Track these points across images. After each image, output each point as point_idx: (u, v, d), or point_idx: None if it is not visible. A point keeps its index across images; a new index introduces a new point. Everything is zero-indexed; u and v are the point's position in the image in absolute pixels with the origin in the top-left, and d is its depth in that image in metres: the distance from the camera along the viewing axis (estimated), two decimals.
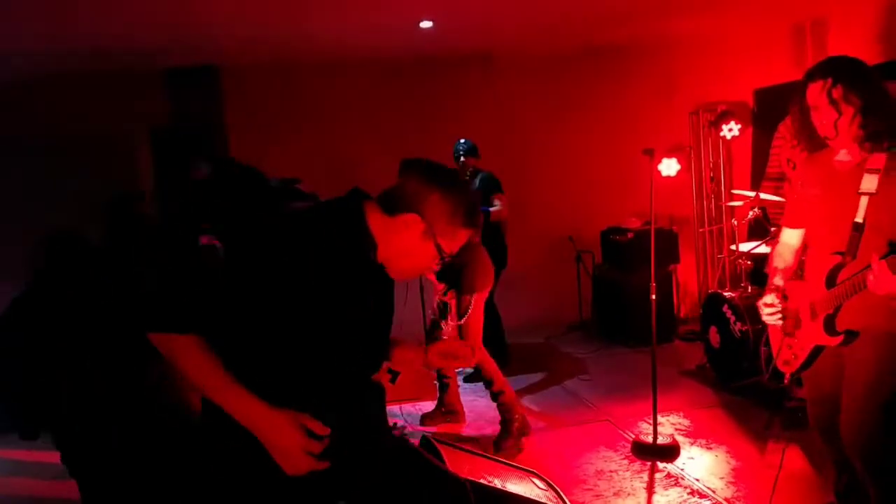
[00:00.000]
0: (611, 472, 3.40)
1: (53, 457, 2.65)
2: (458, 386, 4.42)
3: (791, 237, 2.48)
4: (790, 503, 2.97)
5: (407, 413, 4.39)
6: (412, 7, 4.56)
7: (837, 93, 2.13)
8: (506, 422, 3.84)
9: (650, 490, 3.17)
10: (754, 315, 4.08)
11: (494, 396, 3.91)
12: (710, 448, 3.58)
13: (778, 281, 2.41)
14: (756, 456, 3.48)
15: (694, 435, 3.76)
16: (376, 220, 1.66)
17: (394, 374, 2.30)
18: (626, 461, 3.50)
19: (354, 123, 5.91)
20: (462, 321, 3.90)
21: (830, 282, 2.20)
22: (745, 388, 4.14)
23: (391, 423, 4.06)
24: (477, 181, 5.05)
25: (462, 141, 5.14)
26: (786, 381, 2.47)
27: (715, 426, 3.86)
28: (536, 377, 5.03)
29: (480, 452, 3.22)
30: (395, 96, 6.19)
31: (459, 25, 5.12)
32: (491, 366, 3.92)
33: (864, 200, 2.13)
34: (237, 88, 5.80)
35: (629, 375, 4.79)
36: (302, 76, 6.00)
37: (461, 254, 3.88)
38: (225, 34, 4.73)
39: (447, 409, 4.27)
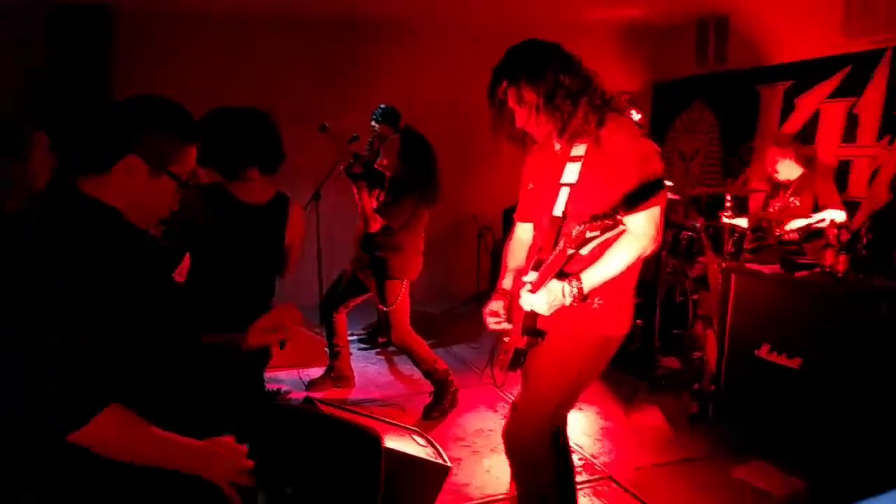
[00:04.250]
0: (489, 430, 3.56)
1: None
2: (350, 353, 4.44)
3: (523, 232, 2.33)
4: (648, 458, 3.23)
5: (294, 379, 4.39)
6: None
7: (512, 95, 2.03)
8: (439, 394, 3.85)
9: None
10: None
11: (427, 375, 3.89)
12: (582, 410, 3.81)
13: (507, 283, 2.29)
14: (622, 417, 3.74)
15: None
16: (96, 187, 1.54)
17: (281, 341, 2.29)
18: (503, 420, 3.64)
19: (256, 82, 5.69)
20: (391, 307, 3.83)
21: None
22: (618, 357, 4.37)
23: (275, 389, 4.08)
24: None
25: (381, 107, 4.90)
26: (497, 383, 2.32)
27: (588, 391, 4.05)
28: (427, 343, 5.12)
29: (360, 412, 3.28)
30: (301, 58, 6.09)
31: None
32: (421, 348, 3.88)
33: (564, 192, 2.02)
34: (130, 34, 5.47)
35: None
36: (204, 28, 5.76)
37: (391, 239, 3.82)
38: None
39: (336, 375, 4.28)
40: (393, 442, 2.90)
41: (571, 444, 3.36)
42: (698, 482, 3.00)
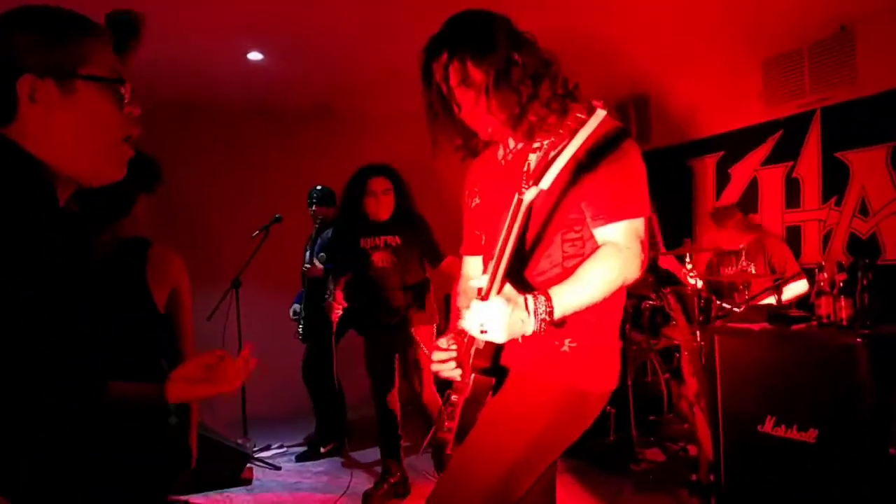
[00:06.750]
0: None
1: None
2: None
3: (473, 268, 1.87)
4: None
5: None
6: (238, 35, 4.16)
7: (455, 72, 1.55)
8: (386, 470, 3.55)
9: None
10: None
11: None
12: None
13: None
14: None
15: None
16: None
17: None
18: None
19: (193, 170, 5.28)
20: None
21: None
22: (593, 453, 3.81)
23: None
24: (328, 233, 4.49)
25: (318, 187, 4.60)
26: (448, 451, 1.68)
27: (564, 495, 3.44)
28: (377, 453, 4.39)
29: None
30: (229, 143, 5.74)
31: (291, 61, 4.72)
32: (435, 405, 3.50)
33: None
34: None
35: None
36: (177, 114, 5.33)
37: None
38: None
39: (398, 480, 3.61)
40: None
41: None
42: None
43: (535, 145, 1.51)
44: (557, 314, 1.42)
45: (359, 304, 3.63)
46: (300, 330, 4.53)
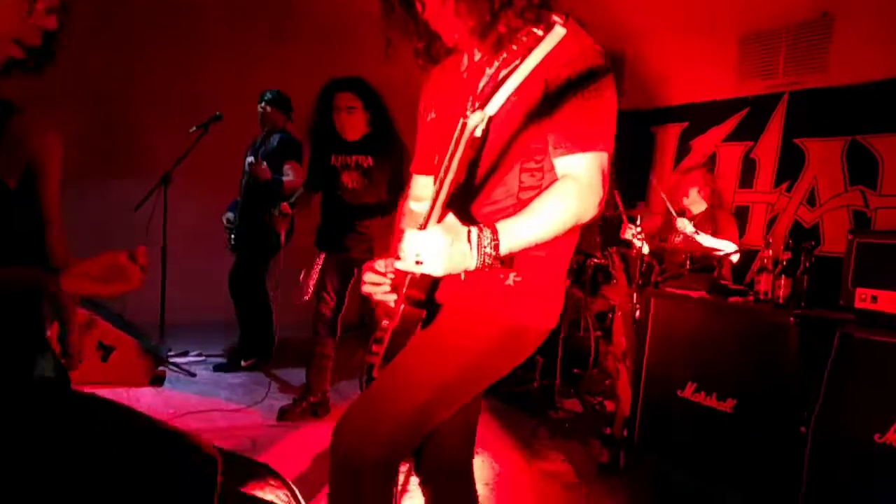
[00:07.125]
0: None
1: None
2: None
3: (422, 188, 1.71)
4: None
5: None
6: None
7: None
8: (308, 389, 3.50)
9: (402, 492, 2.67)
10: None
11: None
12: (476, 453, 3.17)
13: None
14: (521, 462, 3.14)
15: None
16: None
17: (106, 350, 1.63)
18: None
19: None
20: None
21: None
22: (516, 396, 3.86)
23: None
24: (274, 141, 4.25)
25: (273, 90, 4.32)
26: (374, 374, 1.57)
27: (482, 432, 3.46)
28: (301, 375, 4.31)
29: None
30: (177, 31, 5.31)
31: None
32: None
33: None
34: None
35: None
36: None
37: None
38: None
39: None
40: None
41: None
42: None
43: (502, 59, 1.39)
44: (504, 250, 1.32)
45: (324, 222, 3.51)
46: (231, 239, 4.36)
